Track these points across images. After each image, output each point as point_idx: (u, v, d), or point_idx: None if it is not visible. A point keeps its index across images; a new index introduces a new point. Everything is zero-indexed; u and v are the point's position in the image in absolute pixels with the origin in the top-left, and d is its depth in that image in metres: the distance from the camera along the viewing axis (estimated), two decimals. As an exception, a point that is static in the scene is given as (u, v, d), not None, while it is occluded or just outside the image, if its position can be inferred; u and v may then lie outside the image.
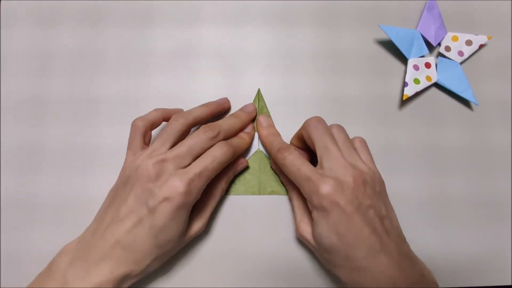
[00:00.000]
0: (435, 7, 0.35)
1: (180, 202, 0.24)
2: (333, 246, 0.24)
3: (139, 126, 0.28)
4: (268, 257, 0.30)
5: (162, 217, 0.24)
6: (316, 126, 0.27)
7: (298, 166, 0.26)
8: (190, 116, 0.28)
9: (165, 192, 0.24)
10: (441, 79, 0.34)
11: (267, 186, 0.31)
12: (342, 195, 0.23)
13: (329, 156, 0.25)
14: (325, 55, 0.35)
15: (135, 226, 0.24)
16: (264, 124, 0.32)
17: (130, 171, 0.26)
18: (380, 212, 0.25)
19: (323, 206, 0.24)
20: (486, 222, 0.32)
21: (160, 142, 0.27)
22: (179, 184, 0.24)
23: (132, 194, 0.25)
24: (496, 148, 0.33)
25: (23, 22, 0.35)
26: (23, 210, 0.31)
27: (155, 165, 0.25)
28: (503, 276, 0.31)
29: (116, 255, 0.24)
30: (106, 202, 0.27)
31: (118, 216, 0.25)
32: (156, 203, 0.24)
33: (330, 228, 0.24)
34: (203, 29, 0.35)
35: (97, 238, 0.25)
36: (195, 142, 0.27)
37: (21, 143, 0.32)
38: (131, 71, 0.34)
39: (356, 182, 0.24)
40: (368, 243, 0.23)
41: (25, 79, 0.34)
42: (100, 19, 0.35)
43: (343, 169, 0.24)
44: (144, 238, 0.24)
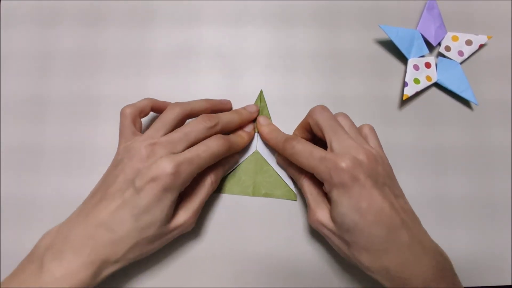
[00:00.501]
0: (435, 7, 0.35)
1: (167, 183, 0.24)
2: (355, 224, 0.23)
3: (127, 113, 0.28)
4: (266, 257, 0.30)
5: (146, 197, 0.24)
6: (321, 112, 0.27)
7: (309, 150, 0.26)
8: (188, 106, 0.28)
9: (153, 172, 0.24)
10: (441, 79, 0.34)
11: (261, 188, 0.31)
12: (361, 169, 0.23)
13: (338, 138, 0.25)
14: (325, 55, 0.35)
15: (119, 205, 0.24)
16: (264, 123, 0.32)
17: (122, 154, 0.26)
18: (394, 190, 0.25)
19: (343, 181, 0.23)
20: (486, 222, 0.32)
21: (154, 129, 0.27)
22: (168, 165, 0.24)
23: (121, 175, 0.25)
24: (496, 148, 0.33)
25: (23, 22, 0.35)
26: (23, 210, 0.31)
27: (147, 147, 0.25)
28: (503, 276, 0.31)
29: (97, 236, 0.23)
30: (95, 186, 0.27)
31: (105, 196, 0.25)
32: (142, 183, 0.24)
33: (352, 204, 0.23)
34: (203, 29, 0.35)
35: (80, 220, 0.24)
36: (190, 130, 0.27)
37: (21, 143, 0.32)
38: (131, 71, 0.34)
39: (370, 159, 0.24)
40: (389, 219, 0.23)
41: (25, 79, 0.34)
42: (100, 19, 0.35)
43: (354, 149, 0.24)
44: (126, 218, 0.24)
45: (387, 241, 0.23)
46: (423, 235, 0.24)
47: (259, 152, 0.32)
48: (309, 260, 0.30)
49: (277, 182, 0.31)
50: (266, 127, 0.31)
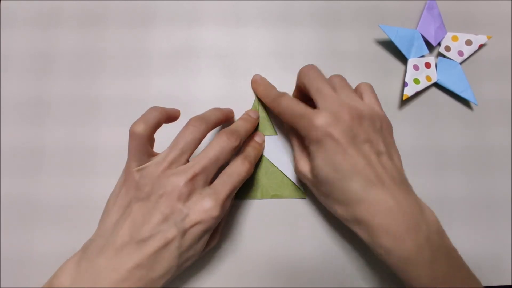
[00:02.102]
0: (435, 7, 0.35)
1: (212, 225, 0.24)
2: (329, 178, 0.24)
3: (140, 133, 0.24)
4: (268, 258, 0.30)
5: (191, 239, 0.23)
6: (307, 74, 0.27)
7: (293, 108, 0.26)
8: (210, 122, 0.26)
9: (199, 216, 0.23)
10: (441, 79, 0.34)
11: (269, 190, 0.31)
12: (336, 126, 0.24)
13: (322, 96, 0.26)
14: (325, 55, 0.35)
15: (161, 248, 0.22)
16: (259, 81, 0.32)
17: (150, 188, 0.23)
18: (377, 147, 0.25)
19: (318, 138, 0.24)
20: (486, 222, 0.32)
21: (178, 152, 0.24)
22: (214, 207, 0.23)
23: (157, 213, 0.23)
24: (496, 148, 0.33)
25: (23, 22, 0.35)
26: (24, 211, 0.31)
27: (186, 185, 0.23)
28: (503, 276, 0.31)
29: (135, 278, 0.22)
30: (112, 216, 0.24)
31: (138, 236, 0.22)
32: (188, 226, 0.23)
33: (326, 159, 0.24)
34: (203, 29, 0.35)
35: (108, 258, 0.22)
36: (220, 153, 0.25)
37: (21, 144, 0.32)
38: (131, 71, 0.34)
39: (351, 116, 0.24)
40: (364, 174, 0.23)
41: (25, 79, 0.34)
42: (100, 19, 0.35)
43: (338, 105, 0.25)
44: (169, 258, 0.23)
45: (361, 194, 0.23)
46: (401, 192, 0.24)
47: (265, 155, 0.32)
48: (312, 261, 0.30)
49: (285, 183, 0.31)
50: (260, 85, 0.32)
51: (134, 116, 0.28)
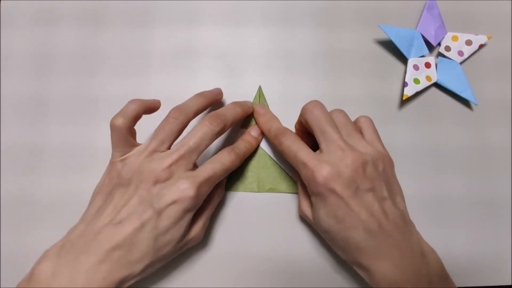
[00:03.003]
0: (435, 7, 0.35)
1: (188, 205, 0.24)
2: (331, 228, 0.24)
3: (120, 125, 0.25)
4: (268, 256, 0.30)
5: (167, 219, 0.23)
6: (312, 111, 0.26)
7: (294, 151, 0.26)
8: (190, 112, 0.27)
9: (174, 195, 0.23)
10: (441, 79, 0.34)
11: (266, 184, 0.31)
12: (339, 181, 0.23)
13: (326, 139, 0.25)
14: (325, 55, 0.35)
15: (137, 229, 0.23)
16: (261, 112, 0.31)
17: (131, 174, 0.25)
18: (381, 194, 0.24)
19: (319, 192, 0.24)
20: (486, 222, 0.32)
21: (158, 141, 0.25)
22: (189, 187, 0.24)
23: (135, 197, 0.24)
24: (495, 148, 0.33)
25: (23, 22, 0.35)
26: (23, 210, 0.31)
27: (165, 170, 0.24)
28: (503, 276, 0.31)
29: (112, 259, 0.23)
30: (96, 203, 0.25)
31: (116, 219, 0.23)
32: (163, 205, 0.23)
33: (328, 213, 0.24)
34: (203, 29, 0.35)
35: (87, 242, 0.23)
36: (201, 139, 0.26)
37: (21, 143, 0.32)
38: (131, 71, 0.34)
39: (354, 165, 0.24)
40: (366, 226, 0.23)
41: (25, 79, 0.34)
42: (100, 19, 0.35)
43: (341, 152, 0.24)
44: (145, 239, 0.23)
45: (362, 244, 0.23)
46: (402, 237, 0.24)
47: (262, 148, 0.32)
48: (313, 260, 0.30)
49: (282, 177, 0.31)
50: (261, 117, 0.31)
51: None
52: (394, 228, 0.24)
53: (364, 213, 0.23)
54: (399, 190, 0.26)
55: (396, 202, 0.25)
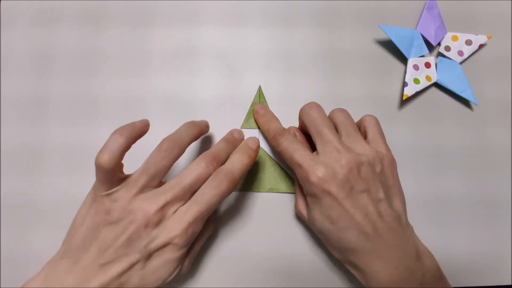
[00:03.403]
0: (435, 7, 0.35)
1: (177, 246, 0.23)
2: (325, 229, 0.25)
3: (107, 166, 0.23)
4: (267, 256, 0.30)
5: (156, 261, 0.23)
6: (308, 112, 0.27)
7: (291, 152, 0.26)
8: (184, 145, 0.25)
9: (164, 239, 0.23)
10: (441, 79, 0.34)
11: (266, 184, 0.31)
12: (333, 182, 0.23)
13: (322, 140, 0.26)
14: (325, 55, 0.35)
15: (125, 271, 0.22)
16: (261, 112, 0.31)
17: (120, 214, 0.23)
18: (376, 195, 0.24)
19: (314, 193, 0.24)
20: (486, 222, 0.32)
21: (149, 178, 0.24)
22: (178, 231, 0.23)
23: (124, 237, 0.23)
24: (496, 148, 0.33)
25: (23, 22, 0.35)
26: (23, 210, 0.31)
27: (157, 213, 0.23)
28: (503, 276, 0.31)
29: None
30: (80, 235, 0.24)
31: (103, 258, 0.22)
32: (153, 249, 0.23)
33: (322, 213, 0.24)
34: (203, 29, 0.35)
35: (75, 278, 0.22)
36: (196, 180, 0.24)
37: (21, 143, 0.32)
38: (131, 71, 0.34)
39: (349, 166, 0.24)
40: (360, 227, 0.23)
41: (25, 79, 0.34)
42: (100, 19, 0.35)
43: (336, 153, 0.24)
44: (133, 280, 0.23)
45: (354, 245, 0.24)
46: (397, 240, 0.24)
47: (262, 148, 0.32)
48: (313, 260, 0.30)
49: (282, 177, 0.31)
50: (261, 117, 0.31)
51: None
52: (389, 230, 0.24)
53: (358, 214, 0.23)
54: (398, 192, 0.26)
55: (392, 204, 0.25)
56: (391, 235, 0.24)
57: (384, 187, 0.25)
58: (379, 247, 0.23)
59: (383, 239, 0.23)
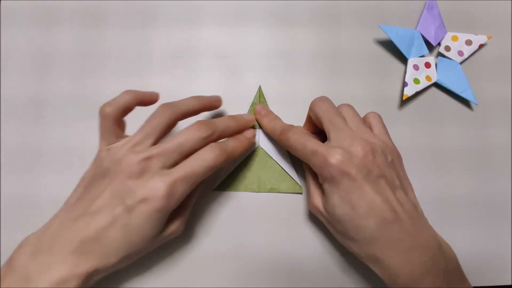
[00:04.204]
0: (435, 7, 0.35)
1: (159, 205, 0.23)
2: (345, 216, 0.24)
3: (108, 113, 0.25)
4: (267, 256, 0.30)
5: (137, 218, 0.23)
6: (320, 104, 0.27)
7: (303, 142, 0.26)
8: (179, 109, 0.26)
9: (144, 193, 0.23)
10: (441, 79, 0.34)
11: (266, 183, 0.31)
12: (351, 163, 0.23)
13: (335, 128, 0.25)
14: (325, 55, 0.35)
15: (108, 223, 0.23)
16: (263, 112, 0.31)
17: (110, 164, 0.24)
18: (392, 182, 0.24)
19: (333, 176, 0.23)
20: (486, 222, 0.32)
21: (143, 135, 0.25)
22: (160, 186, 0.23)
23: (109, 189, 0.23)
24: (496, 148, 0.33)
25: (23, 22, 0.35)
26: (23, 210, 0.31)
27: (140, 162, 0.23)
28: (503, 276, 0.31)
29: (85, 249, 0.22)
30: (77, 191, 0.25)
31: (90, 209, 0.23)
32: (133, 202, 0.23)
33: (342, 198, 0.23)
34: (203, 29, 0.35)
35: (64, 229, 0.23)
36: (185, 140, 0.25)
37: (21, 143, 0.32)
38: (131, 71, 0.34)
39: (364, 151, 0.24)
40: (380, 212, 0.23)
41: (25, 79, 0.34)
42: (100, 19, 0.35)
43: (350, 139, 0.24)
44: (116, 235, 0.23)
45: (376, 233, 0.23)
46: (418, 229, 0.23)
47: (262, 148, 0.32)
48: (312, 260, 0.30)
49: (282, 176, 0.31)
50: (264, 117, 0.31)
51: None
52: (408, 218, 0.23)
53: (378, 199, 0.23)
54: (409, 183, 0.26)
55: (408, 193, 0.25)
56: (412, 223, 0.23)
57: (397, 176, 0.25)
58: (400, 236, 0.22)
59: (404, 227, 0.23)
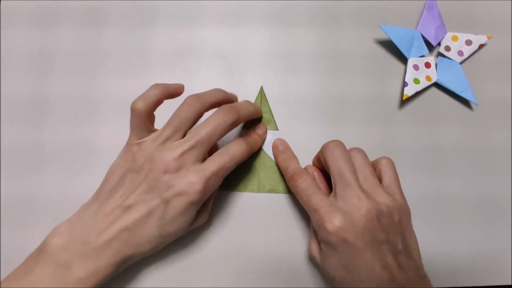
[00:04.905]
0: (435, 7, 0.35)
1: (195, 199, 0.24)
2: (341, 278, 0.23)
3: (140, 109, 0.26)
4: (267, 257, 0.30)
5: (173, 210, 0.24)
6: (332, 151, 0.26)
7: (309, 195, 0.25)
8: (207, 101, 0.27)
9: (182, 187, 0.24)
10: (441, 79, 0.34)
11: (266, 184, 0.31)
12: (352, 230, 0.23)
13: (343, 184, 0.24)
14: (325, 55, 0.35)
15: (144, 216, 0.24)
16: (281, 148, 0.31)
17: (144, 160, 0.25)
18: (395, 246, 0.23)
19: (330, 241, 0.23)
20: (486, 222, 0.32)
21: (173, 129, 0.26)
22: (198, 181, 0.24)
23: (145, 184, 0.25)
24: (496, 148, 0.33)
25: (23, 22, 0.35)
26: (23, 210, 0.31)
27: (176, 160, 0.24)
28: (503, 276, 0.31)
29: (121, 239, 0.24)
30: (111, 182, 0.26)
31: (125, 203, 0.24)
32: (170, 196, 0.24)
33: (338, 262, 0.23)
34: (204, 29, 0.35)
35: (99, 220, 0.24)
36: (213, 129, 0.25)
37: (21, 143, 0.32)
38: (131, 71, 0.34)
39: (369, 215, 0.23)
40: (378, 279, 0.22)
41: (25, 79, 0.34)
42: (100, 19, 0.35)
43: (357, 199, 0.23)
44: (151, 227, 0.24)
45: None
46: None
47: (263, 148, 0.32)
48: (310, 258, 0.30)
49: (282, 178, 0.31)
50: (281, 154, 0.31)
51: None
52: (408, 283, 0.23)
53: (378, 266, 0.22)
54: (415, 242, 0.25)
55: (411, 255, 0.24)
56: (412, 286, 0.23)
57: (402, 237, 0.24)
58: None
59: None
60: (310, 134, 0.32)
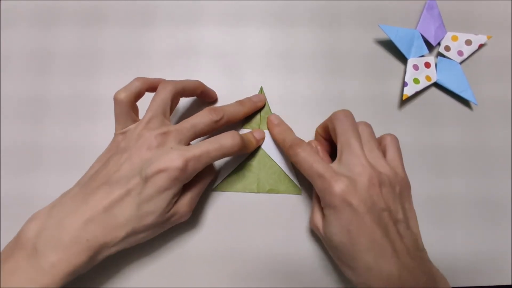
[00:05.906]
0: (434, 7, 0.35)
1: (173, 175, 0.24)
2: (343, 244, 0.24)
3: (122, 99, 0.27)
4: (267, 257, 0.30)
5: (152, 187, 0.24)
6: (342, 120, 0.26)
7: (310, 162, 0.26)
8: (179, 83, 0.28)
9: (162, 164, 0.24)
10: (441, 79, 0.34)
11: (266, 184, 0.31)
12: (355, 194, 0.23)
13: (349, 151, 0.25)
14: (325, 55, 0.35)
15: (123, 193, 0.24)
16: (275, 122, 0.32)
17: (127, 142, 0.26)
18: (396, 215, 0.24)
19: (335, 204, 0.24)
20: (486, 222, 0.32)
21: (152, 112, 0.27)
22: (177, 159, 0.24)
23: (128, 162, 0.25)
24: (496, 148, 0.33)
25: (23, 22, 0.35)
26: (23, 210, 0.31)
27: (158, 136, 0.25)
28: (503, 276, 0.31)
29: (98, 221, 0.23)
30: (93, 168, 0.27)
31: (107, 182, 0.24)
32: (150, 173, 0.24)
33: (341, 226, 0.24)
34: (204, 29, 0.35)
35: (78, 203, 0.24)
36: (198, 121, 0.27)
37: (21, 143, 0.32)
38: (131, 70, 0.34)
39: (371, 182, 0.24)
40: (378, 246, 0.23)
41: (25, 79, 0.34)
42: (100, 19, 0.36)
43: (361, 167, 0.24)
44: (129, 205, 0.24)
45: (371, 265, 0.23)
46: (414, 262, 0.23)
47: (263, 148, 0.32)
48: (312, 260, 0.30)
49: (282, 178, 0.31)
50: (276, 127, 0.31)
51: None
52: (406, 252, 0.23)
53: (378, 232, 0.23)
54: (413, 215, 0.26)
55: (410, 226, 0.25)
56: (409, 257, 0.23)
57: (402, 208, 0.25)
58: (396, 270, 0.22)
59: (401, 261, 0.23)
60: (310, 134, 0.32)
